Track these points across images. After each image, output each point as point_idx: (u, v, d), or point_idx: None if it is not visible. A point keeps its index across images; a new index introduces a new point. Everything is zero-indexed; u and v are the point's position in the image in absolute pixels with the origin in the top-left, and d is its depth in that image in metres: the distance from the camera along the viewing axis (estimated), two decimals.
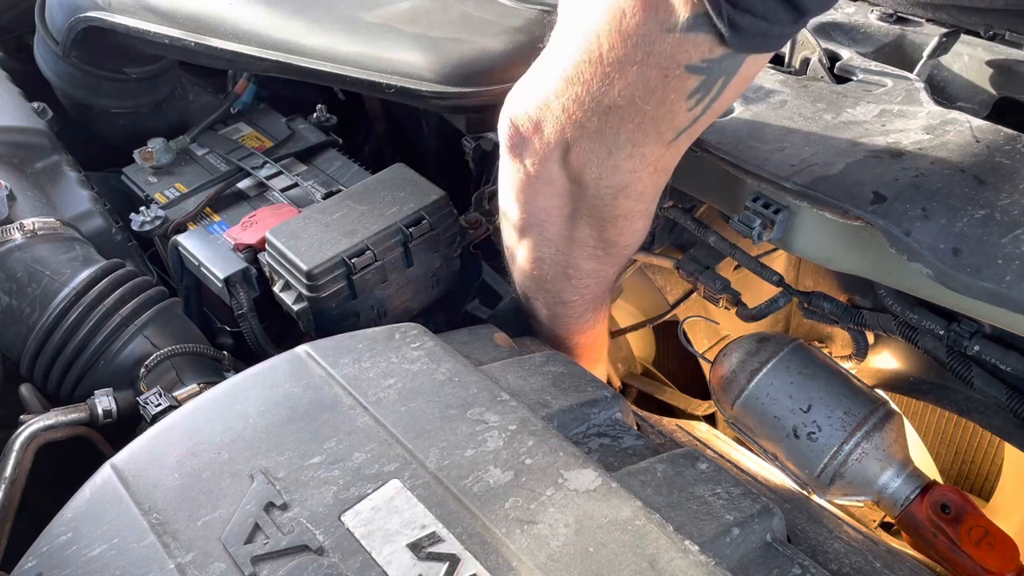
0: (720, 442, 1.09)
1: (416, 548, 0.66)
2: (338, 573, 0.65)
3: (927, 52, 1.01)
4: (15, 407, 1.02)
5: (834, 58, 1.04)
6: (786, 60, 1.05)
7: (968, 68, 1.05)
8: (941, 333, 0.91)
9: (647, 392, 1.43)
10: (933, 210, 0.79)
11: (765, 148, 0.90)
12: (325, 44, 1.16)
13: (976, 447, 1.25)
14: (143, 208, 1.29)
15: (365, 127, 1.66)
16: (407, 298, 1.15)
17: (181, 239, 1.23)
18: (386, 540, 0.67)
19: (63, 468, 0.89)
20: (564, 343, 1.07)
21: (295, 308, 1.07)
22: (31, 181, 1.31)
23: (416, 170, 1.18)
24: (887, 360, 1.17)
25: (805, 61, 1.03)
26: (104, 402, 1.00)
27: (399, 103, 1.44)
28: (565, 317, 1.03)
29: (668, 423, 1.09)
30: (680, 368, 1.52)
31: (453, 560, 0.65)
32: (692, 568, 0.63)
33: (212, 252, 1.20)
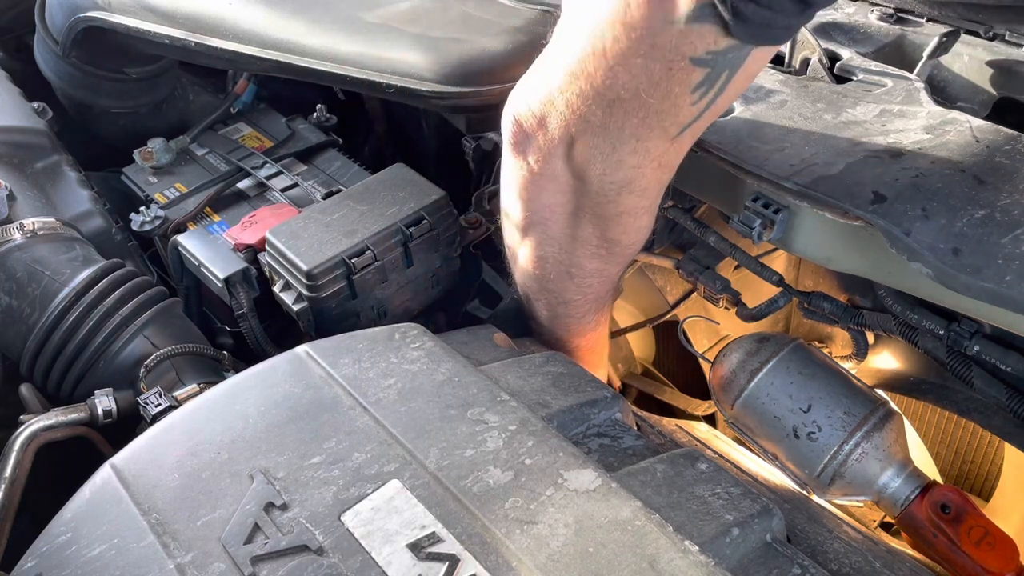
0: (720, 442, 1.09)
1: (416, 548, 0.66)
2: (338, 573, 0.65)
3: (927, 52, 1.01)
4: (15, 407, 1.02)
5: (834, 58, 1.04)
6: (786, 60, 1.05)
7: (968, 68, 1.05)
8: (941, 333, 0.91)
9: (647, 392, 1.43)
10: (933, 210, 0.79)
11: (765, 148, 0.90)
12: (325, 44, 1.16)
13: (976, 447, 1.25)
14: (143, 208, 1.29)
15: (365, 127, 1.66)
16: (407, 298, 1.15)
17: (181, 239, 1.23)
18: (386, 540, 0.67)
19: (63, 468, 0.88)
20: (565, 346, 1.07)
21: (295, 308, 1.07)
22: (31, 181, 1.31)
23: (416, 170, 1.18)
24: (887, 360, 1.17)
25: (805, 61, 1.03)
26: (104, 402, 1.00)
27: (399, 103, 1.44)
28: (567, 318, 1.03)
29: (668, 423, 1.09)
30: (680, 368, 1.52)
31: (453, 560, 0.65)
32: (692, 568, 0.63)
33: (212, 252, 1.20)
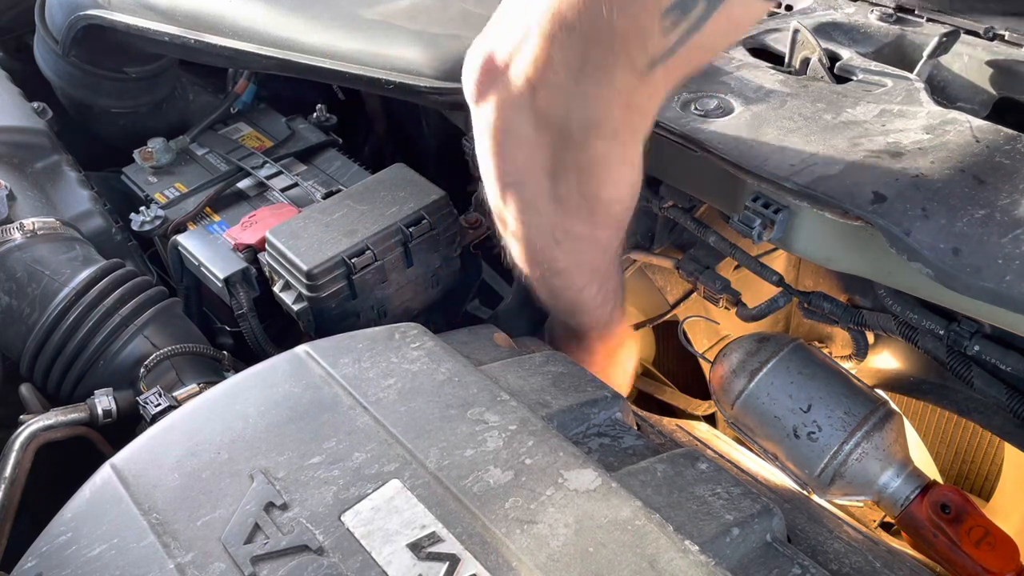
0: (720, 442, 1.09)
1: (416, 548, 0.66)
2: (338, 573, 0.65)
3: (927, 52, 1.01)
4: (15, 407, 1.02)
5: (834, 58, 1.03)
6: (786, 60, 1.05)
7: (968, 68, 1.05)
8: (941, 333, 0.91)
9: (647, 392, 1.43)
10: (933, 210, 0.78)
11: (765, 148, 0.90)
12: (325, 41, 1.16)
13: (976, 447, 1.25)
14: (143, 208, 1.29)
15: (365, 127, 1.66)
16: (407, 298, 1.15)
17: (181, 239, 1.23)
18: (386, 540, 0.67)
19: (63, 468, 0.88)
20: (581, 342, 1.04)
21: (295, 308, 1.07)
22: (31, 181, 1.31)
23: (416, 170, 1.18)
24: (887, 360, 1.17)
25: (805, 61, 1.03)
26: (104, 402, 1.00)
27: (399, 102, 1.44)
28: (565, 290, 0.98)
29: (668, 423, 1.09)
30: (680, 368, 1.52)
31: (453, 560, 0.65)
32: (692, 568, 0.63)
33: (212, 252, 1.20)
